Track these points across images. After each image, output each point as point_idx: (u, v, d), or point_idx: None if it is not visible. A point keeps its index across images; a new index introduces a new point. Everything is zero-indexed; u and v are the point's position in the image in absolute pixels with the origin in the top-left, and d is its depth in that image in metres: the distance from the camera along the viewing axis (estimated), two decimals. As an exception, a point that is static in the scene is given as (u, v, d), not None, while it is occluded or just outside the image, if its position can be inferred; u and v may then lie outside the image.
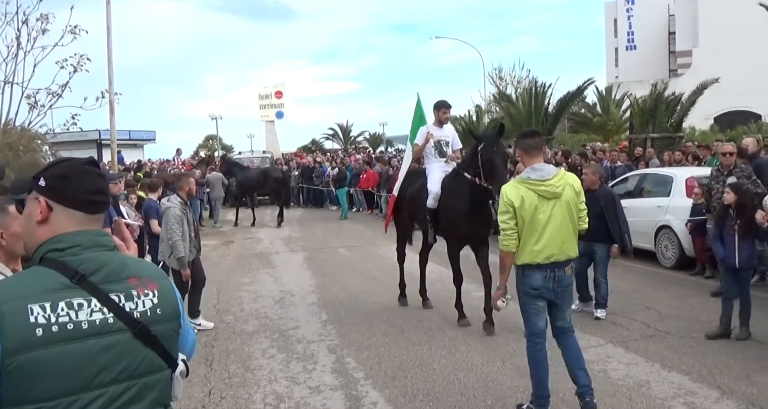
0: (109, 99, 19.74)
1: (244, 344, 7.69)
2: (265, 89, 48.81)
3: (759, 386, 5.72)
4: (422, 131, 8.62)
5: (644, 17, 52.87)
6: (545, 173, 4.99)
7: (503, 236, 5.04)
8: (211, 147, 58.17)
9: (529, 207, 4.92)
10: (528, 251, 4.99)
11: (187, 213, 8.08)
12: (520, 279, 5.15)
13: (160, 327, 2.00)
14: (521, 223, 4.96)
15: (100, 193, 2.08)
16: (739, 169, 8.72)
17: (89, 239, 2.00)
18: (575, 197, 5.09)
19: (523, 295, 5.16)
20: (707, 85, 19.79)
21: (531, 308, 5.14)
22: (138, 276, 2.02)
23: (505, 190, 5.08)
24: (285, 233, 18.95)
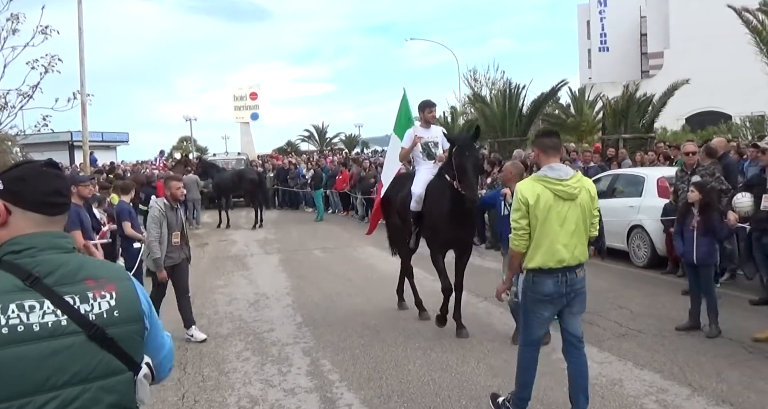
0: (81, 100, 19.47)
1: (219, 347, 7.64)
2: (240, 91, 48.71)
3: (729, 382, 5.80)
4: (409, 134, 8.28)
5: (616, 19, 53.43)
6: (563, 173, 4.77)
7: (514, 235, 4.79)
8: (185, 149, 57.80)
9: (544, 206, 4.68)
10: (540, 253, 4.73)
11: (170, 216, 7.76)
12: (528, 285, 4.87)
13: (118, 329, 1.97)
14: (534, 222, 4.71)
15: (58, 194, 2.07)
16: (703, 168, 8.85)
17: (46, 240, 1.99)
18: (590, 202, 4.86)
19: (530, 302, 4.88)
20: (678, 86, 20.01)
21: (536, 316, 4.89)
22: (95, 278, 1.99)
23: (520, 187, 4.83)
24: (260, 235, 18.88)
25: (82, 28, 20.49)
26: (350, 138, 58.89)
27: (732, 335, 7.07)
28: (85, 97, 19.92)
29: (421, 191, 7.85)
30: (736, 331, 7.18)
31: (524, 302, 4.96)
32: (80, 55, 20.31)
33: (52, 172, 2.08)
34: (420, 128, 8.35)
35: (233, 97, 49.06)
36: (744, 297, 8.63)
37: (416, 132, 8.23)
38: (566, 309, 4.88)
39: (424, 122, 8.39)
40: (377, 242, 15.19)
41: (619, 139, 18.89)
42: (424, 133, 8.26)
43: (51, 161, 2.13)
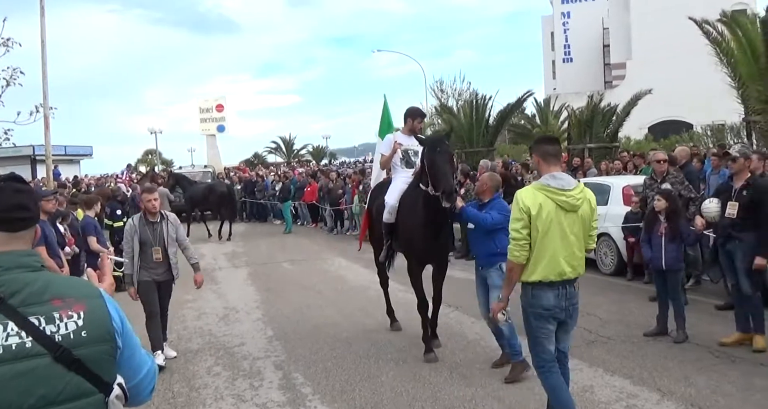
0: (44, 113, 19.22)
1: (189, 362, 7.55)
2: (206, 102, 48.30)
3: (697, 386, 5.89)
4: (389, 140, 7.84)
5: (580, 31, 54.21)
6: (566, 183, 4.55)
7: (514, 245, 4.53)
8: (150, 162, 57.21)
9: (547, 217, 4.45)
10: (542, 266, 4.50)
11: (143, 231, 7.30)
12: (528, 300, 4.62)
13: (86, 350, 1.91)
14: (535, 233, 4.47)
15: (19, 209, 2.01)
16: (672, 176, 9.00)
17: (11, 259, 1.94)
18: (590, 214, 4.66)
19: (532, 318, 4.63)
20: (641, 96, 20.36)
21: (542, 332, 4.62)
22: (62, 297, 1.94)
23: (522, 195, 4.55)
24: (228, 248, 18.73)
25: (45, 40, 20.24)
26: (318, 149, 58.76)
27: (699, 340, 7.18)
28: (48, 110, 19.66)
29: (394, 202, 7.43)
30: (703, 336, 7.30)
31: (526, 319, 4.69)
32: (43, 68, 20.06)
33: (10, 186, 2.03)
34: (401, 135, 7.89)
35: (199, 110, 48.59)
36: (709, 302, 8.78)
37: (397, 138, 7.79)
38: (561, 325, 4.70)
39: (408, 130, 7.83)
40: (346, 253, 15.21)
41: (584, 148, 19.16)
42: (406, 140, 7.78)
43: (12, 175, 2.10)
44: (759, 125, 13.74)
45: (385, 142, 7.90)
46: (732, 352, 6.75)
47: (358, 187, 19.00)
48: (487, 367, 6.74)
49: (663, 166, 9.16)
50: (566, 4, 55.70)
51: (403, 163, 7.76)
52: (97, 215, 10.49)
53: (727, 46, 14.46)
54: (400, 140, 7.74)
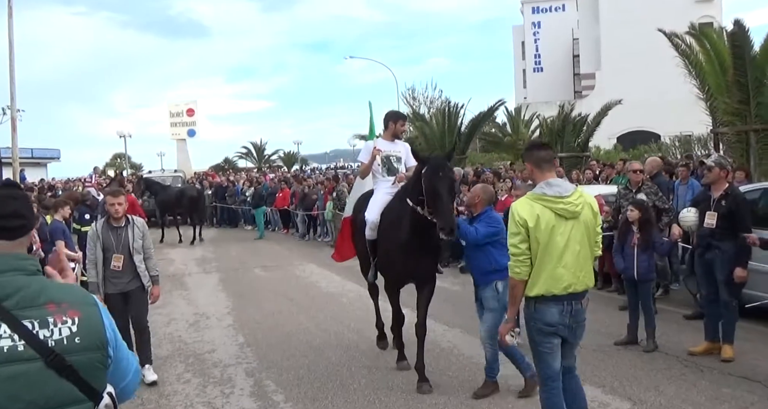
0: (11, 116, 18.98)
1: (158, 369, 7.43)
2: (177, 107, 48.04)
3: (666, 395, 5.95)
4: (368, 147, 7.38)
5: (550, 41, 54.96)
6: (562, 190, 4.32)
7: (514, 261, 4.32)
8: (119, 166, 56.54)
9: (546, 227, 4.23)
10: (543, 280, 4.27)
11: (106, 236, 6.77)
12: (530, 314, 4.40)
13: (79, 357, 1.90)
14: (535, 246, 4.25)
15: (15, 217, 2.00)
16: (647, 186, 9.10)
17: (5, 262, 1.93)
18: (593, 219, 4.44)
19: (535, 332, 4.40)
20: (611, 107, 20.64)
21: (545, 346, 4.40)
22: (57, 302, 1.92)
23: (517, 207, 4.34)
24: (198, 253, 18.56)
25: (12, 42, 19.97)
26: (289, 155, 58.61)
27: (668, 350, 7.26)
28: (16, 112, 19.40)
29: (374, 218, 6.86)
30: (672, 345, 7.38)
31: (529, 334, 4.48)
32: (11, 70, 19.81)
33: (6, 193, 2.01)
34: (382, 141, 7.45)
35: (169, 114, 48.33)
36: (678, 312, 8.89)
37: (377, 144, 7.33)
38: (564, 343, 4.47)
39: (390, 135, 7.41)
40: (318, 259, 15.16)
41: (555, 157, 19.34)
42: (387, 146, 7.32)
43: (8, 181, 2.10)
44: (726, 137, 13.97)
45: (365, 150, 7.47)
46: (700, 361, 6.83)
47: (331, 194, 18.96)
48: (459, 375, 6.75)
49: (639, 176, 9.26)
50: (537, 14, 56.45)
51: (384, 170, 7.25)
52: (66, 219, 10.33)
53: (695, 58, 14.69)
54: (381, 146, 7.28)
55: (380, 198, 7.02)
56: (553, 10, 56.08)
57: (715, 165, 7.07)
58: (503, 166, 20.20)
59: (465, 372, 6.80)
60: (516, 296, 4.43)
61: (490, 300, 6.02)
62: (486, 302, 6.07)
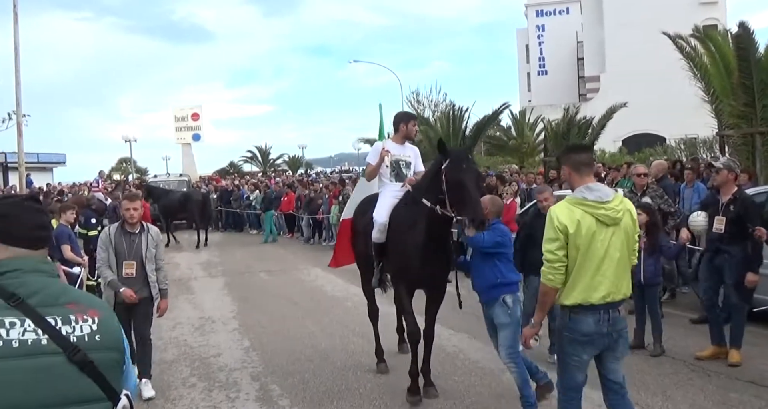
0: (17, 121, 19.04)
1: (164, 373, 7.45)
2: (182, 111, 48.08)
3: (673, 400, 5.93)
4: (377, 148, 7.05)
5: (554, 44, 54.91)
6: (603, 194, 4.12)
7: (549, 268, 4.09)
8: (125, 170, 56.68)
9: (586, 234, 4.03)
10: (581, 288, 4.07)
11: (119, 242, 6.51)
12: (564, 324, 4.20)
13: (99, 354, 1.95)
14: (574, 253, 4.05)
15: (41, 228, 2.10)
16: (652, 190, 9.07)
17: (31, 264, 2.00)
18: (633, 226, 4.25)
19: (567, 343, 4.21)
20: (616, 109, 20.64)
21: (573, 360, 4.20)
22: (77, 302, 2.00)
23: (556, 212, 4.13)
24: (203, 257, 18.58)
25: (18, 47, 20.03)
26: (294, 159, 58.67)
27: (675, 354, 7.24)
28: (21, 117, 19.46)
29: (383, 220, 6.52)
30: (679, 349, 7.36)
31: (560, 342, 4.33)
32: (16, 75, 19.85)
33: (34, 206, 2.11)
34: (392, 143, 7.04)
35: (174, 118, 48.34)
36: (685, 316, 8.86)
37: (386, 146, 6.96)
38: (608, 353, 4.25)
39: (401, 137, 7.03)
40: (323, 264, 15.07)
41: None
42: (396, 149, 6.95)
43: (33, 195, 2.24)
44: (732, 140, 13.93)
45: (373, 151, 7.13)
46: (708, 366, 6.81)
47: (337, 198, 18.97)
48: (465, 380, 6.73)
49: (643, 179, 9.24)
50: (541, 17, 56.43)
51: (393, 175, 6.89)
52: (71, 223, 10.35)
53: (700, 60, 14.67)
54: (390, 148, 6.91)
55: (388, 200, 6.68)
56: (557, 13, 56.07)
57: (724, 167, 7.04)
58: (508, 170, 20.17)
59: (471, 377, 6.79)
60: (546, 303, 4.25)
61: (501, 316, 5.67)
62: (498, 319, 5.71)
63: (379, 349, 7.40)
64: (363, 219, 7.11)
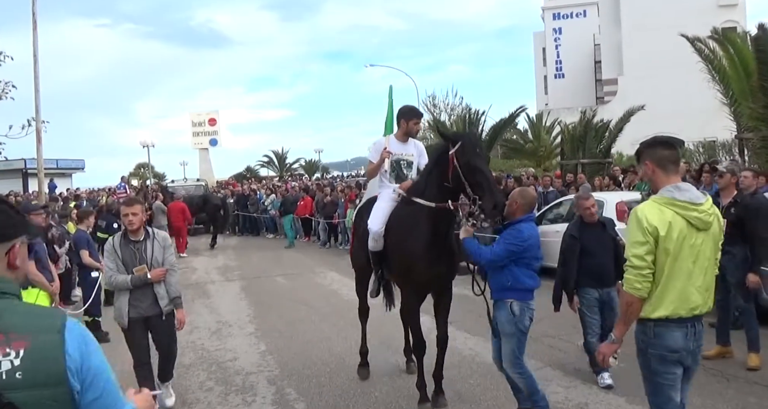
0: (36, 127, 19.22)
1: (181, 377, 7.48)
2: (199, 116, 48.45)
3: (692, 405, 5.81)
4: (379, 144, 6.66)
5: (571, 47, 54.69)
6: (695, 196, 3.69)
7: (635, 276, 3.63)
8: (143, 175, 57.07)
9: (678, 238, 3.60)
10: (669, 299, 3.64)
11: (125, 252, 5.92)
12: (648, 339, 3.72)
13: (21, 394, 1.70)
14: (663, 259, 3.61)
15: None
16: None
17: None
18: (719, 234, 3.83)
19: (655, 361, 3.72)
20: (634, 112, 20.50)
21: (666, 378, 3.72)
22: (5, 331, 1.74)
23: (645, 212, 3.66)
24: (220, 261, 18.68)
25: (37, 54, 20.27)
26: (310, 163, 58.82)
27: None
28: (41, 124, 19.65)
29: (378, 229, 6.19)
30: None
31: (645, 363, 3.81)
32: (35, 82, 20.05)
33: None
34: (394, 140, 6.64)
35: (192, 123, 48.74)
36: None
37: (389, 144, 6.57)
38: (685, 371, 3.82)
39: (403, 134, 6.64)
40: (339, 267, 15.15)
41: (577, 164, 19.23)
42: (398, 147, 6.59)
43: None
44: (751, 142, 13.82)
45: (375, 147, 6.73)
46: (726, 370, 6.73)
47: (354, 201, 18.99)
48: (481, 383, 6.71)
49: None
50: (558, 21, 56.23)
51: (393, 176, 6.57)
52: (90, 228, 10.44)
53: (719, 63, 14.59)
54: (392, 147, 6.56)
55: (383, 206, 6.36)
56: (574, 16, 55.86)
57: (727, 171, 7.01)
58: (525, 173, 20.09)
59: (487, 380, 6.76)
60: (630, 315, 3.75)
61: (505, 324, 5.43)
62: (501, 325, 5.47)
63: (364, 348, 7.30)
64: (361, 223, 6.82)
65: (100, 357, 1.90)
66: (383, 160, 6.48)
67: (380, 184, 6.67)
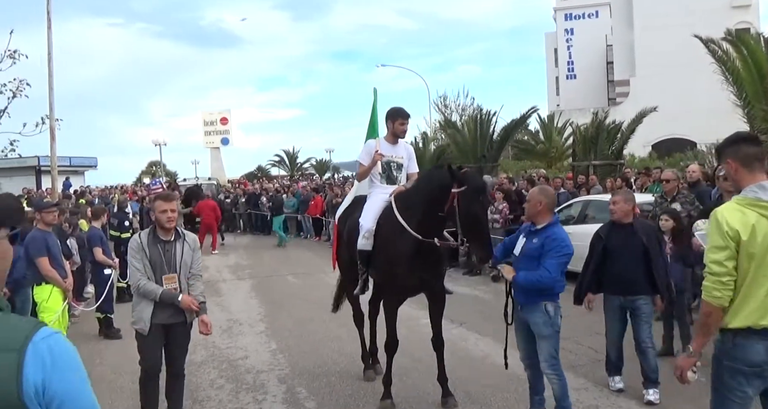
0: (50, 125, 19.35)
1: (192, 375, 7.51)
2: (211, 116, 48.60)
3: (705, 407, 5.83)
4: (369, 147, 6.64)
5: (583, 47, 54.49)
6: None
7: (715, 283, 3.38)
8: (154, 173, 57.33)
9: (762, 242, 3.31)
10: (751, 308, 3.36)
11: (154, 252, 5.43)
12: (725, 351, 3.47)
13: None
14: (746, 265, 3.34)
15: None
16: (682, 196, 8.96)
17: None
18: None
19: (729, 375, 3.46)
20: (646, 114, 20.41)
21: (736, 395, 3.46)
22: None
23: (725, 215, 3.40)
24: (232, 260, 18.74)
25: (51, 53, 20.40)
26: (321, 163, 58.90)
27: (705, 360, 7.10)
28: (54, 122, 19.78)
29: (370, 225, 6.20)
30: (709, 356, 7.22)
31: (717, 373, 3.57)
32: (49, 81, 20.20)
33: None
34: (385, 142, 6.66)
35: (203, 122, 48.88)
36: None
37: (380, 147, 6.57)
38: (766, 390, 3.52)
39: (391, 135, 6.67)
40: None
41: (589, 165, 19.18)
42: (388, 149, 6.61)
43: None
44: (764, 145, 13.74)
45: (366, 149, 6.67)
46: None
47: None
48: (492, 384, 6.71)
49: (670, 185, 9.12)
50: (570, 21, 56.04)
51: (384, 177, 6.59)
52: (103, 226, 10.51)
53: (732, 64, 14.52)
54: (383, 149, 6.55)
55: (376, 204, 6.35)
56: (587, 16, 55.65)
57: None
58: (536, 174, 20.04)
59: (498, 381, 6.76)
60: (710, 325, 3.50)
61: (542, 327, 5.36)
62: (537, 328, 5.40)
63: (365, 354, 7.35)
64: (348, 223, 6.82)
65: (71, 380, 1.64)
66: (375, 163, 6.47)
67: (371, 184, 6.69)
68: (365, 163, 6.59)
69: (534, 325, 5.40)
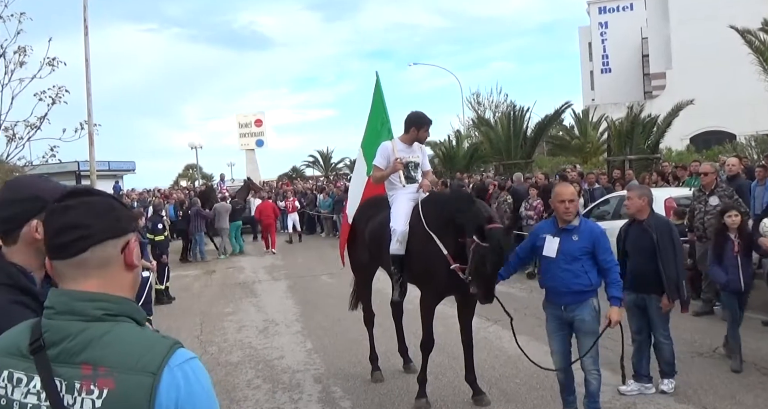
0: (89, 130, 19.65)
1: (229, 375, 7.62)
2: (245, 118, 49.03)
3: (744, 405, 5.75)
4: (385, 149, 6.47)
5: (618, 41, 53.77)
6: None
7: None
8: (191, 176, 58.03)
9: None
10: None
11: None
12: None
13: None
14: None
15: (67, 229, 1.58)
16: (721, 189, 8.80)
17: (64, 302, 1.57)
18: None
19: None
20: (683, 107, 20.09)
21: None
22: (95, 364, 1.50)
23: None
24: (267, 261, 18.89)
25: (89, 59, 20.76)
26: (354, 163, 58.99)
27: (745, 357, 6.99)
28: (93, 127, 20.11)
29: (404, 228, 6.10)
30: (750, 352, 7.11)
31: None
32: (87, 87, 20.55)
33: (62, 206, 1.62)
34: (401, 145, 6.52)
35: (238, 125, 49.34)
36: (756, 318, 8.56)
37: (397, 151, 6.42)
38: None
39: (409, 139, 6.57)
40: (385, 266, 15.20)
41: (624, 160, 18.95)
42: (405, 151, 6.49)
43: (71, 190, 1.71)
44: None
45: (381, 152, 6.51)
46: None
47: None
48: (527, 382, 6.68)
49: (708, 178, 8.94)
50: (604, 14, 55.34)
51: (403, 177, 6.47)
52: (140, 229, 10.68)
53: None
54: (400, 152, 6.43)
55: (404, 206, 6.29)
56: (621, 9, 54.87)
57: None
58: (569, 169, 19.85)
59: (533, 379, 6.72)
60: None
61: (591, 322, 5.37)
62: (585, 325, 5.38)
63: (373, 355, 7.37)
64: (370, 225, 6.76)
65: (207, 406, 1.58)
66: (396, 170, 6.37)
67: (391, 185, 6.57)
68: (382, 166, 6.47)
69: (582, 322, 5.36)
